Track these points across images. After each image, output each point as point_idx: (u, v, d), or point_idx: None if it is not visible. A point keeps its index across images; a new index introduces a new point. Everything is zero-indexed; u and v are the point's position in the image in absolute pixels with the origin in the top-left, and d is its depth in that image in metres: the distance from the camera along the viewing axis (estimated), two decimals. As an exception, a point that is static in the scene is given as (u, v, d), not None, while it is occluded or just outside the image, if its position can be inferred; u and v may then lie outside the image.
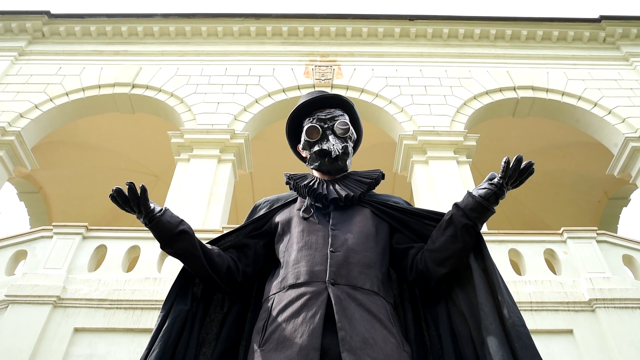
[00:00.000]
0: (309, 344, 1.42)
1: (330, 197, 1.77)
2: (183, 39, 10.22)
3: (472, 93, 9.22)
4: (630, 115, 8.72)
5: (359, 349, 1.40)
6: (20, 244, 6.41)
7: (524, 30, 10.18)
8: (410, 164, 8.30)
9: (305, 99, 1.94)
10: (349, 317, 1.47)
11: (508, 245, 6.43)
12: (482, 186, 1.61)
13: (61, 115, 9.15)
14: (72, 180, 11.70)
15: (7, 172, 8.40)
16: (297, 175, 1.91)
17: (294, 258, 1.66)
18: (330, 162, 1.83)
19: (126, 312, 5.59)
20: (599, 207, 11.88)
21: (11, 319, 5.44)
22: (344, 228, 1.72)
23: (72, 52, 9.97)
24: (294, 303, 1.54)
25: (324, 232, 1.70)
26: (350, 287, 1.56)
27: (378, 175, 1.90)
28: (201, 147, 8.19)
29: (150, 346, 1.56)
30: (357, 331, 1.44)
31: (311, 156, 1.89)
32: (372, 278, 1.62)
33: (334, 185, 1.83)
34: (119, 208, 1.59)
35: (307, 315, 1.49)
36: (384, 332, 1.49)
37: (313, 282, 1.57)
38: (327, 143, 1.83)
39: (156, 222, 1.60)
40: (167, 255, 6.39)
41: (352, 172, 1.93)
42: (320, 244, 1.66)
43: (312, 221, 1.75)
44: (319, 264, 1.60)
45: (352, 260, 1.62)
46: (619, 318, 5.52)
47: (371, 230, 1.73)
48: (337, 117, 1.88)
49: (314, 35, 10.28)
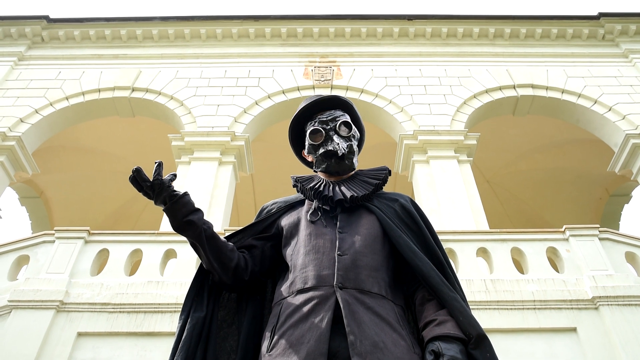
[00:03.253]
0: (315, 349, 1.42)
1: (336, 199, 1.76)
2: (182, 42, 10.23)
3: (471, 92, 9.22)
4: (631, 112, 8.71)
5: (368, 353, 1.40)
6: (22, 249, 6.41)
7: (523, 28, 10.18)
8: (411, 164, 8.30)
9: (304, 104, 1.95)
10: (358, 321, 1.46)
11: (510, 244, 6.42)
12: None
13: (61, 119, 9.15)
14: (73, 185, 11.70)
15: (8, 177, 8.40)
16: (303, 178, 1.91)
17: (301, 262, 1.66)
18: (337, 163, 1.83)
19: (129, 316, 5.58)
20: (600, 205, 11.87)
21: (14, 324, 5.44)
22: (351, 231, 1.71)
23: (71, 57, 9.97)
24: (301, 308, 1.54)
25: (331, 235, 1.70)
26: (358, 290, 1.55)
27: (385, 175, 1.90)
28: (202, 150, 8.19)
29: (172, 357, 1.57)
30: (367, 335, 1.44)
31: (317, 159, 1.88)
32: (379, 281, 1.61)
33: (340, 186, 1.83)
34: (138, 191, 1.59)
35: (314, 321, 1.49)
36: (394, 335, 1.48)
37: (321, 286, 1.56)
38: (331, 144, 1.83)
39: (167, 208, 1.62)
40: (170, 259, 6.40)
41: (359, 172, 1.93)
42: (327, 248, 1.66)
43: (320, 224, 1.74)
44: (327, 268, 1.60)
45: (359, 263, 1.61)
46: (623, 315, 5.51)
47: (378, 233, 1.72)
48: (339, 118, 1.89)
49: (313, 36, 10.29)
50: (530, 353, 5.32)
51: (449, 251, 6.34)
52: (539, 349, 5.35)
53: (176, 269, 6.15)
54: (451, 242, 6.42)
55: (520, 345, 5.38)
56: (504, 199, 12.46)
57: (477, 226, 7.09)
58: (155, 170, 1.57)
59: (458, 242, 6.41)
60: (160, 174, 1.57)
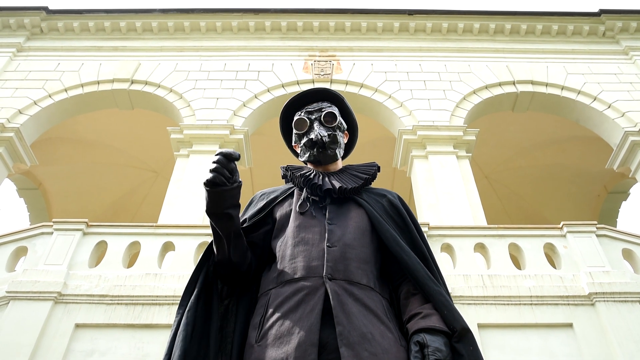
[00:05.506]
0: (306, 340, 1.43)
1: (324, 188, 1.77)
2: (182, 35, 10.20)
3: (471, 88, 9.22)
4: (630, 109, 8.72)
5: (357, 343, 1.41)
6: (20, 240, 6.41)
7: (524, 24, 10.16)
8: (410, 159, 8.30)
9: (294, 97, 1.98)
10: (347, 312, 1.48)
11: (508, 239, 6.44)
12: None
13: (60, 111, 9.13)
14: (72, 177, 11.69)
15: (6, 168, 8.39)
16: (294, 167, 1.92)
17: (290, 253, 1.66)
18: (319, 151, 1.83)
19: (127, 308, 5.60)
20: (598, 201, 11.90)
21: (12, 315, 5.45)
22: (340, 223, 1.72)
23: (70, 48, 9.94)
24: (291, 298, 1.55)
25: (320, 227, 1.70)
26: (347, 282, 1.57)
27: (375, 170, 1.90)
28: (200, 143, 8.19)
29: (170, 350, 1.53)
30: (355, 326, 1.45)
31: (301, 148, 1.90)
32: (368, 274, 1.63)
33: (329, 177, 1.84)
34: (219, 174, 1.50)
35: (304, 311, 1.50)
36: (382, 327, 1.50)
37: (310, 277, 1.57)
38: (313, 132, 1.84)
39: (218, 191, 1.52)
40: (168, 251, 6.41)
41: (349, 166, 1.93)
42: (316, 239, 1.67)
43: (308, 215, 1.75)
44: (316, 259, 1.61)
45: (348, 255, 1.62)
46: (619, 312, 5.53)
47: (367, 226, 1.74)
48: (324, 109, 1.90)
49: (313, 30, 10.26)
50: (526, 348, 5.35)
51: (447, 246, 6.36)
52: (535, 344, 5.37)
53: (174, 262, 6.16)
54: (449, 237, 6.43)
55: (516, 340, 5.41)
56: (502, 195, 12.48)
57: (475, 222, 7.10)
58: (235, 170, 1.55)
59: (456, 238, 6.43)
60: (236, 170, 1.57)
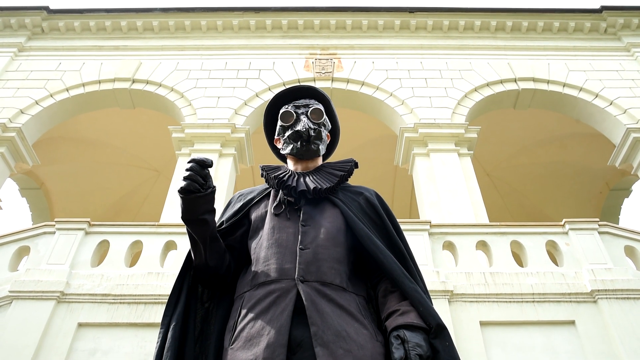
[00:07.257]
0: (275, 341, 1.43)
1: (298, 189, 1.76)
2: (183, 34, 10.20)
3: (472, 85, 9.20)
4: (632, 106, 8.70)
5: (331, 342, 1.42)
6: (23, 240, 6.43)
7: (525, 21, 10.14)
8: (411, 157, 8.30)
9: (282, 91, 1.99)
10: (321, 312, 1.49)
11: (510, 237, 6.43)
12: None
13: (62, 110, 9.14)
14: (74, 176, 11.71)
15: (8, 168, 8.40)
16: (270, 167, 1.91)
17: (264, 255, 1.67)
18: (302, 145, 1.83)
19: (129, 307, 5.61)
20: (600, 199, 11.88)
21: (15, 315, 5.46)
22: (314, 224, 1.72)
23: (71, 48, 9.94)
24: (263, 301, 1.55)
25: (294, 228, 1.71)
26: (320, 283, 1.57)
27: (351, 167, 1.89)
28: (202, 142, 8.19)
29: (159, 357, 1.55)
30: (329, 325, 1.46)
31: (285, 141, 1.89)
32: (341, 274, 1.63)
33: (304, 178, 1.83)
34: (192, 180, 1.54)
35: (275, 313, 1.50)
36: (356, 325, 1.51)
37: (282, 279, 1.58)
38: (300, 124, 1.85)
39: (190, 198, 1.55)
40: (170, 250, 6.42)
41: (326, 164, 1.93)
42: (290, 241, 1.67)
43: (283, 217, 1.75)
44: (289, 262, 1.61)
45: (321, 256, 1.62)
46: (621, 309, 5.53)
47: (342, 225, 1.73)
48: (311, 105, 1.92)
49: (313, 29, 10.25)
50: (528, 346, 5.34)
51: (449, 244, 6.36)
52: (537, 342, 5.37)
53: (176, 261, 6.17)
54: (451, 235, 6.43)
55: (518, 338, 5.41)
56: (504, 193, 12.47)
57: (477, 219, 7.10)
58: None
59: (458, 235, 6.43)
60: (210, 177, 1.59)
